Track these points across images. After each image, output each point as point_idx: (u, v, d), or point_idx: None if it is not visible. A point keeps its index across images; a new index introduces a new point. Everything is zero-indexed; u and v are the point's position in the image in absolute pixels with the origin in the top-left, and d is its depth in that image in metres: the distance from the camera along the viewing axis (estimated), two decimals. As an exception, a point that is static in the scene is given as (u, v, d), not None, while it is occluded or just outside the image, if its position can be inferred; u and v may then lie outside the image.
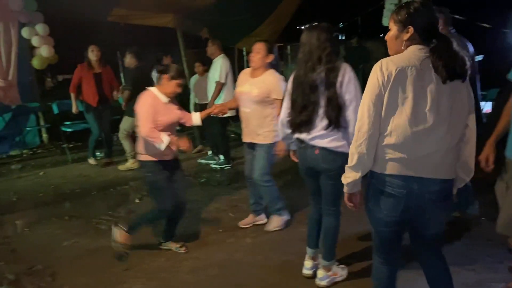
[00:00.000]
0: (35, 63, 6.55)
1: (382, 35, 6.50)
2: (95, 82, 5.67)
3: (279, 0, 8.05)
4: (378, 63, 1.86)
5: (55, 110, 6.76)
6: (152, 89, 3.20)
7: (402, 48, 1.90)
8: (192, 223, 3.86)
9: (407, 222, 2.04)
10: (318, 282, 2.80)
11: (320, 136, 2.58)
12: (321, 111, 2.55)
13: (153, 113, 3.05)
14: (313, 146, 2.62)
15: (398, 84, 1.81)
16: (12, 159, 6.51)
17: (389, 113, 1.85)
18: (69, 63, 5.77)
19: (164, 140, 2.98)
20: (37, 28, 6.47)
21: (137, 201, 4.54)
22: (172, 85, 3.12)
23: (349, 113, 2.49)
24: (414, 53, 1.86)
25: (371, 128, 1.87)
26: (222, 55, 5.49)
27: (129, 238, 3.18)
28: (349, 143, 2.17)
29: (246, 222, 3.80)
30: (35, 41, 6.48)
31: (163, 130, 3.07)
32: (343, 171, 2.06)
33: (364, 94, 1.91)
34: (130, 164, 5.73)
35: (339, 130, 2.54)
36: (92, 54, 5.65)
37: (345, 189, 2.04)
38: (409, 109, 1.81)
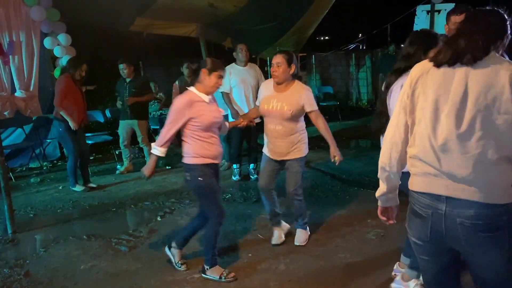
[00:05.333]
0: (57, 73, 6.40)
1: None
2: (82, 97, 5.23)
3: (304, 10, 7.82)
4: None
5: (76, 121, 6.58)
6: (191, 89, 2.92)
7: None
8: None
9: (454, 255, 1.68)
10: None
11: None
12: None
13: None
14: None
15: (421, 83, 1.65)
16: (32, 171, 6.35)
17: (413, 118, 1.68)
18: (91, 73, 5.57)
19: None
20: (59, 38, 6.35)
21: (159, 219, 4.27)
22: (212, 79, 2.86)
23: None
24: None
25: (393, 136, 1.73)
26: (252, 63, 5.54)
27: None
28: None
29: (279, 239, 3.51)
30: (57, 51, 6.36)
31: (204, 131, 2.86)
32: None
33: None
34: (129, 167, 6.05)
35: None
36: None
37: (379, 202, 1.87)
38: (428, 115, 1.59)
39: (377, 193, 1.84)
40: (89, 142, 6.43)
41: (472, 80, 1.51)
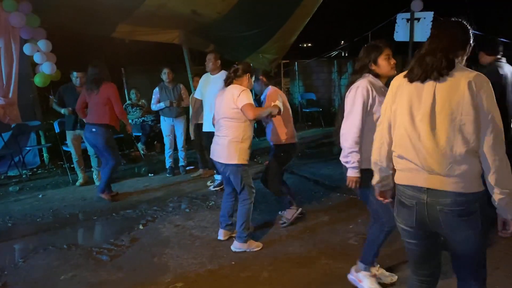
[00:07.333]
0: (37, 80, 6.30)
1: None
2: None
3: (287, 17, 7.90)
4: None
5: (56, 128, 6.48)
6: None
7: None
8: (199, 254, 3.54)
9: (436, 237, 1.97)
10: None
11: None
12: None
13: None
14: None
15: (399, 94, 1.94)
16: (11, 180, 6.22)
17: (395, 122, 1.96)
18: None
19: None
20: (39, 45, 6.26)
21: (141, 227, 4.22)
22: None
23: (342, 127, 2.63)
24: None
25: (381, 138, 2.05)
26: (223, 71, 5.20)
27: None
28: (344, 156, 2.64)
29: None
30: (37, 57, 6.26)
31: None
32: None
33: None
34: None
35: None
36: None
37: (376, 188, 2.21)
38: (406, 120, 1.88)
39: (373, 182, 2.17)
40: (69, 149, 6.34)
41: (439, 90, 1.80)
